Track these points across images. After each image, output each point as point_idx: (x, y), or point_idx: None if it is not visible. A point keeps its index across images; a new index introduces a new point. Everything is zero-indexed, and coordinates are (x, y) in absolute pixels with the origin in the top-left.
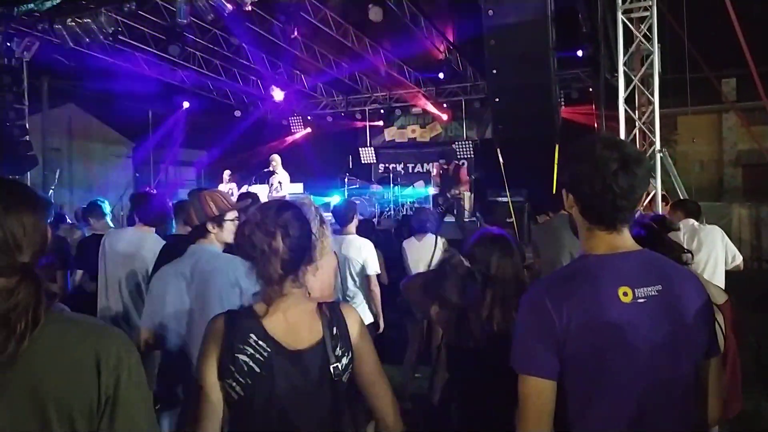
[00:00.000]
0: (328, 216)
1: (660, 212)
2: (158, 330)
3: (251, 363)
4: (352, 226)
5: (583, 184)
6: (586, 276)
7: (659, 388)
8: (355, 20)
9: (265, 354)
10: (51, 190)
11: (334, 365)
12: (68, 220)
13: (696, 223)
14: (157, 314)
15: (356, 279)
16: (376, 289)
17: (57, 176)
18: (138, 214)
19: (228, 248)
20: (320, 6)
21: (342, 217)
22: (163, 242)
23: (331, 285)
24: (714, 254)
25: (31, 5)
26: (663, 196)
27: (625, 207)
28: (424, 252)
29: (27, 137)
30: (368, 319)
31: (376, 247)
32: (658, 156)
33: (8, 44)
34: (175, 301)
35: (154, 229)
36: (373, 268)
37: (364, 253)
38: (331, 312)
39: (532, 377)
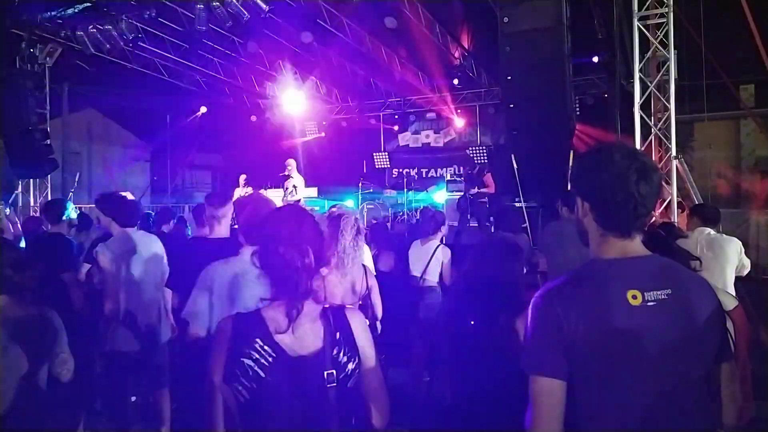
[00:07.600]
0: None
1: (676, 219)
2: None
3: (256, 368)
4: None
5: (604, 193)
6: (595, 279)
7: (669, 390)
8: (370, 27)
9: (270, 359)
10: (70, 193)
11: (329, 372)
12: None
13: (712, 232)
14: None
15: None
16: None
17: (76, 179)
18: (121, 218)
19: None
20: (336, 13)
21: None
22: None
23: (352, 294)
24: (729, 264)
25: (54, 12)
26: (679, 203)
27: (644, 214)
28: (423, 254)
29: (48, 141)
30: None
31: (389, 250)
32: (674, 163)
33: (31, 50)
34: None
35: None
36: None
37: None
38: (335, 317)
39: (543, 377)
